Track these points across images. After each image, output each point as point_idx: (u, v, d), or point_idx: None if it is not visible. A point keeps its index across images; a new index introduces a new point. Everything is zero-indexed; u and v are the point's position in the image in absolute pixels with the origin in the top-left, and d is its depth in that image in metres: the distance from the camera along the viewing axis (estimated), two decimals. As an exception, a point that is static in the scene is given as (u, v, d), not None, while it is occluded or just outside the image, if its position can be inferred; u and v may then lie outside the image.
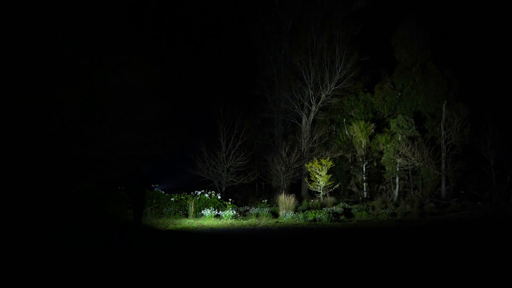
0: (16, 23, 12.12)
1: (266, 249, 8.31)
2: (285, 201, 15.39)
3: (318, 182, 18.79)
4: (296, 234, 10.61)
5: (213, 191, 16.77)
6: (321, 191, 18.80)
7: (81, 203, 14.01)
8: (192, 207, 14.74)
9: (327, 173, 18.77)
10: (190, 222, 13.30)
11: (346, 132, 24.53)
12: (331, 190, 19.52)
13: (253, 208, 16.22)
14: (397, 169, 20.64)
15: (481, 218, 12.90)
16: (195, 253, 7.71)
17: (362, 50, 24.15)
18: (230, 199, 17.18)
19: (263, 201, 17.84)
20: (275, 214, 15.16)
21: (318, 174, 18.73)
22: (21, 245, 8.23)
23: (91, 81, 13.91)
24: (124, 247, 8.46)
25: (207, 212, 14.52)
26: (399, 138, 20.72)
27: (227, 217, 14.10)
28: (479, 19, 26.38)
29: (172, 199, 15.37)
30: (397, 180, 21.81)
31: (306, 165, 19.96)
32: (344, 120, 25.05)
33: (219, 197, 16.45)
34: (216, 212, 14.74)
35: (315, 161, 18.91)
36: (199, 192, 16.07)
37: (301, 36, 24.36)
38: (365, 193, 22.68)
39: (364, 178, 22.88)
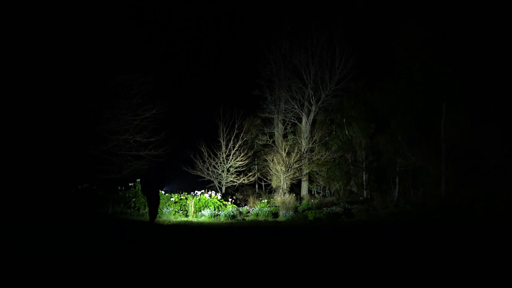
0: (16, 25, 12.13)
1: (266, 249, 8.32)
2: (285, 201, 15.41)
3: (318, 182, 18.79)
4: (296, 234, 10.62)
5: (213, 191, 16.76)
6: (321, 191, 18.81)
7: (81, 203, 14.02)
8: (192, 207, 14.74)
9: (327, 173, 18.77)
10: (190, 222, 13.30)
11: (346, 132, 24.52)
12: (331, 190, 19.51)
13: (253, 208, 16.22)
14: (397, 169, 20.63)
15: (481, 218, 12.92)
16: (194, 253, 7.72)
17: (362, 50, 24.18)
18: (230, 199, 17.18)
19: (263, 201, 17.83)
20: (275, 214, 15.16)
21: (318, 174, 18.73)
22: (21, 245, 8.22)
23: (90, 81, 13.93)
24: (124, 247, 8.46)
25: (207, 212, 14.52)
26: (399, 138, 20.73)
27: (227, 217, 14.09)
28: (479, 19, 26.34)
29: (172, 199, 15.36)
30: (397, 180, 21.80)
31: (306, 165, 19.96)
32: (344, 120, 25.04)
33: (219, 197, 16.45)
34: (216, 212, 14.74)
35: (315, 161, 18.91)
36: (199, 192, 16.07)
37: (301, 36, 24.38)
38: (365, 193, 22.67)
39: (364, 178, 22.87)
